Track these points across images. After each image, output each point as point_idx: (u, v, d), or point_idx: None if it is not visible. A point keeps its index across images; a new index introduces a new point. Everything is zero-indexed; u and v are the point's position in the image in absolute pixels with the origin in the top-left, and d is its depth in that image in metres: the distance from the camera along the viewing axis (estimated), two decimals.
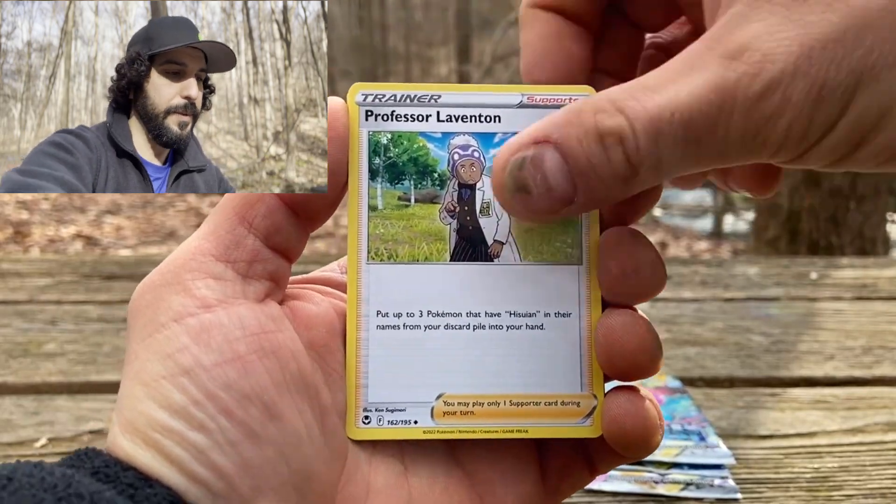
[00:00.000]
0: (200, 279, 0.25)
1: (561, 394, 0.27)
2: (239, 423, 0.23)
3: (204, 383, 0.23)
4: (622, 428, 0.26)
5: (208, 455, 0.23)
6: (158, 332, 0.24)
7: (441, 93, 0.28)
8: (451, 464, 0.28)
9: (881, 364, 0.66)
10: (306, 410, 0.25)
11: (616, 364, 0.26)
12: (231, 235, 0.26)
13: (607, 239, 0.27)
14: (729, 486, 0.47)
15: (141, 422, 0.23)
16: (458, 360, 0.27)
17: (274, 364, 0.24)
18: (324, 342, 0.27)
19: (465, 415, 0.27)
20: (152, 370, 0.24)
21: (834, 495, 0.47)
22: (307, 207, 0.26)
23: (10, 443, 0.52)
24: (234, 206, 0.26)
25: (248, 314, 0.25)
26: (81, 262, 0.98)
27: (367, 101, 0.27)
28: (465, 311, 0.27)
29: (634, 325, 0.26)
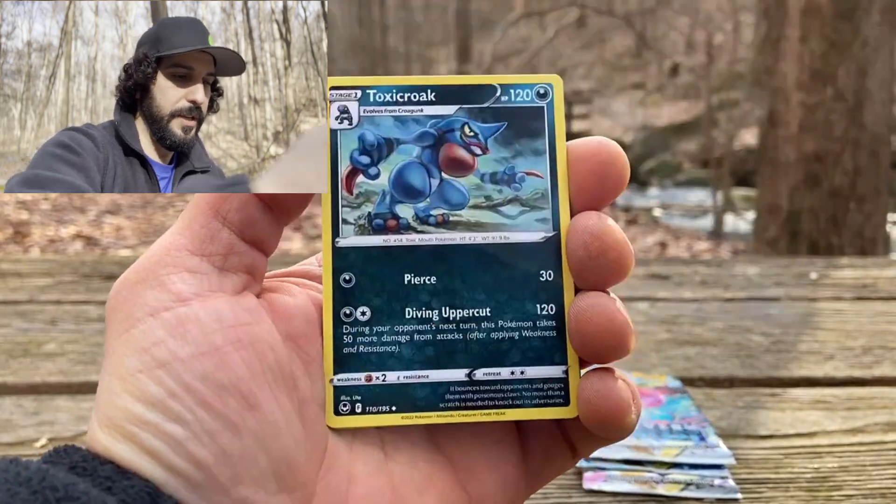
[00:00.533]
0: (176, 273, 0.25)
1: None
2: (217, 414, 0.24)
3: (180, 375, 0.23)
4: (595, 409, 0.26)
5: (186, 446, 0.23)
6: (134, 327, 0.24)
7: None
8: (431, 449, 0.28)
9: (881, 364, 0.66)
10: (285, 400, 0.25)
11: (588, 346, 0.26)
12: (205, 229, 0.26)
13: (574, 222, 0.27)
14: (729, 486, 0.47)
15: (118, 416, 0.23)
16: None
17: (251, 355, 0.25)
18: (302, 332, 0.27)
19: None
20: (129, 364, 0.24)
21: (834, 495, 0.47)
22: (280, 201, 0.26)
23: (10, 443, 0.52)
24: (207, 201, 0.26)
25: (225, 307, 0.25)
26: (81, 263, 0.98)
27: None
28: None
29: (605, 307, 0.26)
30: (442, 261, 0.28)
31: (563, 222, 0.28)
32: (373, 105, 0.28)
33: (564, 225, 0.28)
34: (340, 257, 0.27)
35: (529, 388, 0.27)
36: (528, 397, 0.27)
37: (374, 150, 0.28)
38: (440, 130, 0.28)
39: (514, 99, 0.28)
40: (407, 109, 0.28)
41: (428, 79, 0.28)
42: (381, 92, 0.28)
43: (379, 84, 0.28)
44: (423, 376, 0.27)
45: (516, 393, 0.27)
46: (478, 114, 0.28)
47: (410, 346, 0.27)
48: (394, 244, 0.28)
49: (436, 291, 0.28)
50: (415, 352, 0.27)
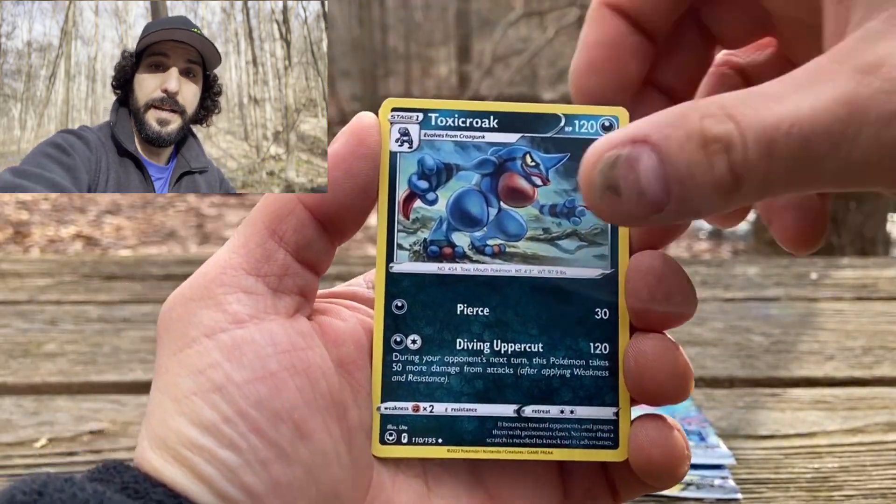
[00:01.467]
0: (232, 293, 0.25)
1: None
2: (269, 441, 0.23)
3: (235, 400, 0.23)
4: (648, 457, 0.25)
5: (238, 474, 0.23)
6: (189, 347, 0.24)
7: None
8: (473, 484, 0.27)
9: (881, 364, 0.66)
10: (335, 430, 0.25)
11: (647, 390, 0.26)
12: (261, 249, 0.25)
13: (637, 262, 0.26)
14: (729, 486, 0.47)
15: (171, 438, 0.23)
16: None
17: (304, 382, 0.24)
18: (352, 359, 0.26)
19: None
20: (183, 385, 0.23)
21: (834, 496, 0.47)
22: (336, 223, 0.26)
23: (10, 443, 0.52)
24: (264, 220, 0.26)
25: (279, 330, 0.25)
26: (81, 263, 0.98)
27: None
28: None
29: (666, 352, 0.26)
30: (496, 292, 0.27)
31: (621, 260, 0.27)
32: (434, 129, 0.27)
33: (623, 262, 0.27)
34: (393, 283, 0.27)
35: (578, 429, 0.27)
36: (576, 437, 0.27)
37: (433, 175, 0.27)
38: (501, 158, 0.28)
39: (577, 130, 0.28)
40: (468, 135, 0.28)
41: (491, 105, 0.28)
42: (442, 116, 0.28)
43: (441, 108, 0.28)
44: (472, 409, 0.27)
45: (565, 432, 0.27)
46: (540, 143, 0.28)
47: (460, 378, 0.27)
48: (448, 272, 0.27)
49: (488, 323, 0.27)
50: (464, 384, 0.27)
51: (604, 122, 0.28)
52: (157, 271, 0.93)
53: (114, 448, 0.52)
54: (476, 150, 0.28)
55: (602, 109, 0.28)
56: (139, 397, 0.59)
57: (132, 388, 0.61)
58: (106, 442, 0.53)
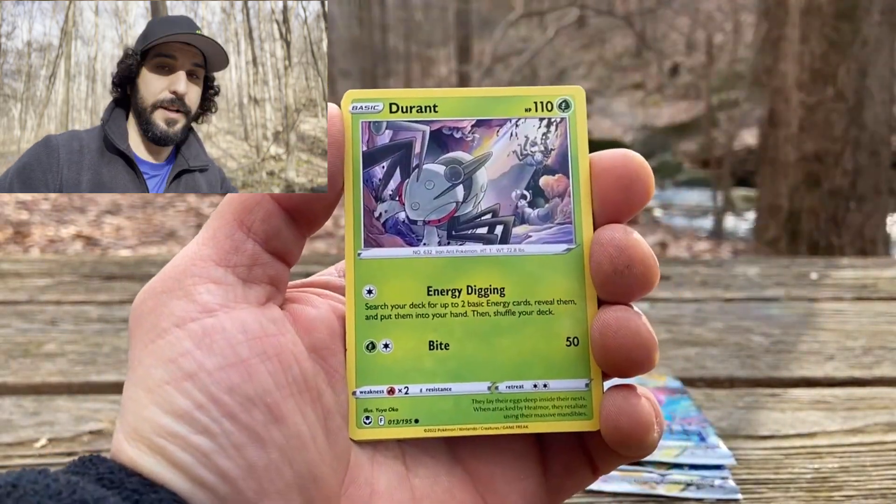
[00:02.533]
0: (202, 284, 0.25)
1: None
2: (243, 426, 0.23)
3: (207, 387, 0.23)
4: (617, 426, 0.26)
5: (213, 459, 0.23)
6: (161, 338, 0.24)
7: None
8: (452, 463, 0.28)
9: (881, 364, 0.66)
10: (309, 413, 0.25)
11: (612, 360, 0.26)
12: (230, 240, 0.26)
13: (599, 235, 0.27)
14: (729, 486, 0.47)
15: (145, 427, 0.23)
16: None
17: (276, 367, 0.25)
18: (325, 344, 0.27)
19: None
20: (156, 375, 0.24)
21: (834, 496, 0.47)
22: (304, 212, 0.26)
23: (10, 443, 0.52)
24: (232, 211, 0.26)
25: (250, 318, 0.25)
26: (81, 263, 0.98)
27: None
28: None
29: (629, 321, 0.26)
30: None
31: (585, 235, 0.28)
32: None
33: (587, 237, 0.28)
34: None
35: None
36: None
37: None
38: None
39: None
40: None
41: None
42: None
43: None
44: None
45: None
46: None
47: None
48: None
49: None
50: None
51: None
52: (157, 271, 0.93)
53: None
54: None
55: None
56: None
57: None
58: (106, 442, 0.53)
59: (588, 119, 0.29)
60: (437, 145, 0.28)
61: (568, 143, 0.28)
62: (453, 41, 9.07)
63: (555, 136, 0.28)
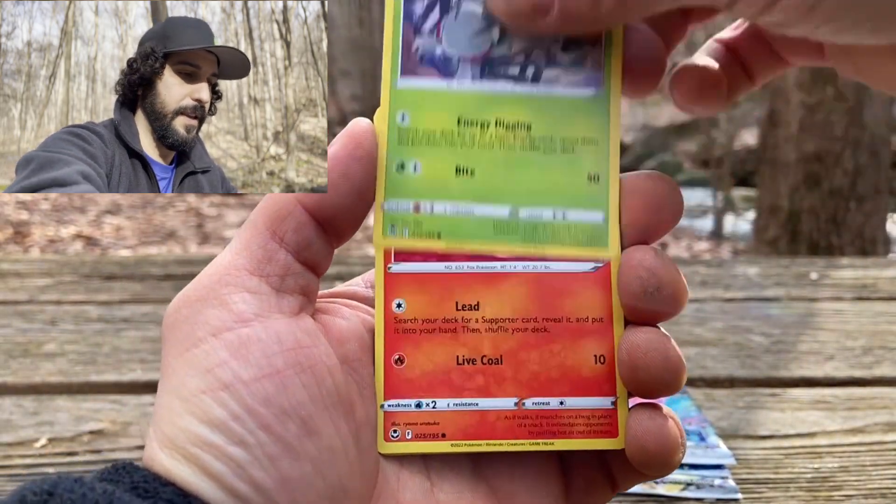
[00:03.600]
0: (237, 293, 0.25)
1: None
2: (277, 437, 0.23)
3: (243, 398, 0.23)
4: (643, 446, 0.26)
5: (247, 470, 0.23)
6: (196, 347, 0.24)
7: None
8: (475, 479, 0.28)
9: (881, 364, 0.66)
10: (342, 426, 0.25)
11: (639, 382, 0.26)
12: (263, 250, 0.26)
13: (628, 257, 0.27)
14: (729, 486, 0.47)
15: (180, 437, 0.23)
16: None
17: (311, 379, 0.25)
18: (356, 357, 0.27)
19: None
20: (191, 385, 0.24)
21: (834, 495, 0.47)
22: (334, 223, 0.26)
23: (10, 443, 0.52)
24: (264, 221, 0.26)
25: (285, 329, 0.25)
26: (81, 263, 0.98)
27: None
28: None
29: (659, 344, 0.26)
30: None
31: (612, 253, 0.28)
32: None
33: (615, 255, 0.28)
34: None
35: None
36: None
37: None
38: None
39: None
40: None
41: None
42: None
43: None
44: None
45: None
46: None
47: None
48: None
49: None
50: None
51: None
52: (157, 271, 0.93)
53: (113, 448, 0.52)
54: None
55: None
56: (139, 397, 0.59)
57: (132, 388, 0.61)
58: (106, 442, 0.53)
59: None
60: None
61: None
62: None
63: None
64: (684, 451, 0.27)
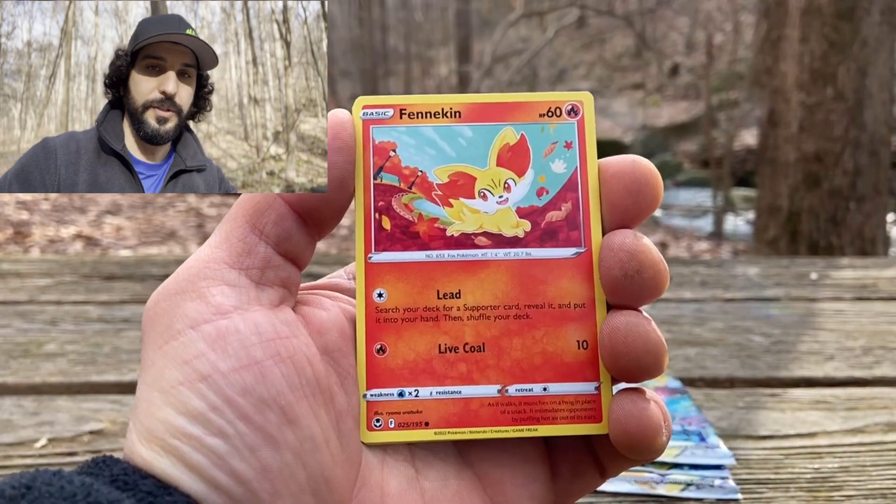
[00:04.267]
0: (215, 286, 0.25)
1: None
2: (257, 428, 0.24)
3: (222, 388, 0.23)
4: (626, 430, 0.26)
5: (227, 460, 0.23)
6: (175, 339, 0.24)
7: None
8: (461, 466, 0.28)
9: (881, 364, 0.66)
10: (322, 415, 0.25)
11: (621, 365, 0.26)
12: (243, 243, 0.26)
13: (609, 240, 0.27)
14: (729, 486, 0.47)
15: (159, 429, 0.23)
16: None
17: (290, 369, 0.25)
18: (337, 347, 0.27)
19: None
20: (170, 376, 0.24)
21: (834, 496, 0.47)
22: (315, 215, 0.26)
23: (10, 443, 0.52)
24: (244, 214, 0.26)
25: (264, 320, 0.25)
26: (81, 263, 0.98)
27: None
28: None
29: (639, 326, 0.26)
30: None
31: (593, 239, 0.28)
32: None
33: (595, 242, 0.28)
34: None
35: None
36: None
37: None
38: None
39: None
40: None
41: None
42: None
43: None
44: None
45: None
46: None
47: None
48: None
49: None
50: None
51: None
52: (157, 271, 0.93)
53: (114, 448, 0.52)
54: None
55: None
56: None
57: (132, 388, 0.61)
58: (106, 442, 0.53)
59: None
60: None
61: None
62: (453, 41, 9.07)
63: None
64: (668, 434, 0.26)
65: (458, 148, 0.28)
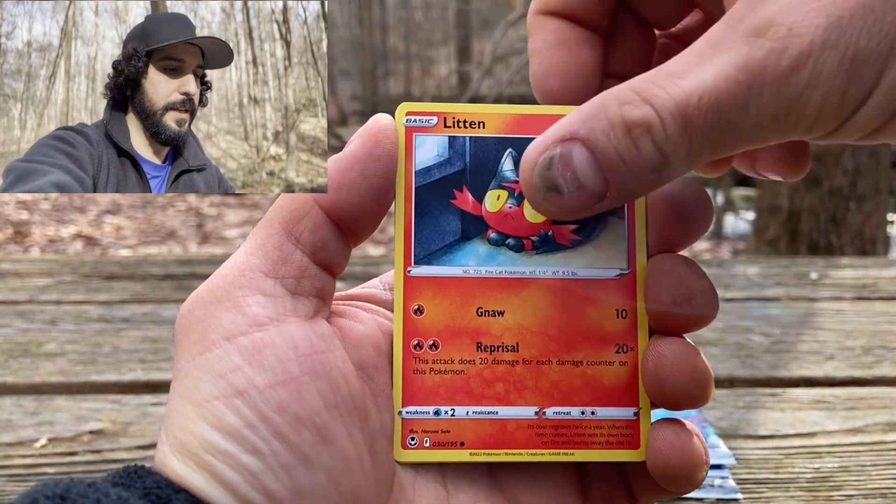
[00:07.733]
0: (251, 295, 0.24)
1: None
2: (292, 446, 0.23)
3: (257, 405, 0.23)
4: (667, 462, 0.25)
5: (261, 479, 0.23)
6: (209, 350, 0.24)
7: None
8: (492, 489, 0.27)
9: (881, 364, 0.66)
10: (356, 434, 0.25)
11: (665, 394, 0.26)
12: (278, 251, 0.25)
13: (658, 265, 0.26)
14: (729, 486, 0.47)
15: (193, 443, 0.23)
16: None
17: (326, 386, 0.24)
18: (372, 362, 0.26)
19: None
20: (204, 390, 0.23)
21: (834, 495, 0.47)
22: (352, 224, 0.26)
23: (10, 443, 0.52)
24: (280, 221, 0.25)
25: (300, 333, 0.24)
26: (81, 262, 0.98)
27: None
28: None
29: (686, 356, 0.26)
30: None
31: (638, 260, 0.27)
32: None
33: (640, 263, 0.27)
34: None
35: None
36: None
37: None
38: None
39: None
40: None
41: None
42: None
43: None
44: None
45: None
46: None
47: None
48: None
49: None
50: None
51: None
52: (157, 271, 0.93)
53: (113, 448, 0.52)
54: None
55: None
56: (139, 397, 0.59)
57: (132, 388, 0.61)
58: (106, 442, 0.53)
59: None
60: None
61: None
62: (453, 41, 9.07)
63: None
64: (707, 468, 0.26)
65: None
